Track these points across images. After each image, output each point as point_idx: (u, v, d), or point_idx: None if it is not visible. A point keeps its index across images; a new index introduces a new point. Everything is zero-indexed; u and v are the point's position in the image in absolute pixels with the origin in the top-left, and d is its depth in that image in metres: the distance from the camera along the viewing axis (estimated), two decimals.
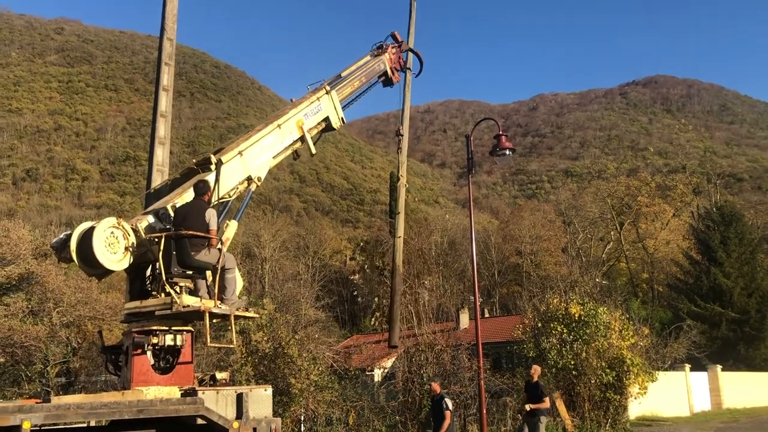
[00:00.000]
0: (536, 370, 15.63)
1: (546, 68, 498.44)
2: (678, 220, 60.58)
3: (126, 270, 8.52)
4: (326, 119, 11.98)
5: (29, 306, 25.60)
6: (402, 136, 13.94)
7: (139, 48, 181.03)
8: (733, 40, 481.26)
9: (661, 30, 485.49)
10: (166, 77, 10.95)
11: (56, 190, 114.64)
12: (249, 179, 10.15)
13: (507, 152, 15.67)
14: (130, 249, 8.32)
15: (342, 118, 12.27)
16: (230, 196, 9.87)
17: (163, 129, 10.80)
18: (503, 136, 15.43)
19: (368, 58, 13.56)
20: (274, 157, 10.83)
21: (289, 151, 11.36)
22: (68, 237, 8.30)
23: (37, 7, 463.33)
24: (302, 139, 11.36)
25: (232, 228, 9.37)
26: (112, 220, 8.27)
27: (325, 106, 11.90)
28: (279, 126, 10.84)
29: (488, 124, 19.37)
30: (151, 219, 8.67)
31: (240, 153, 9.94)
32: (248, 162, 10.09)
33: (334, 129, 12.24)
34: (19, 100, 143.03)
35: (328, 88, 11.97)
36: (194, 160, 9.93)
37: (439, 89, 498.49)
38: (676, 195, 61.80)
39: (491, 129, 17.98)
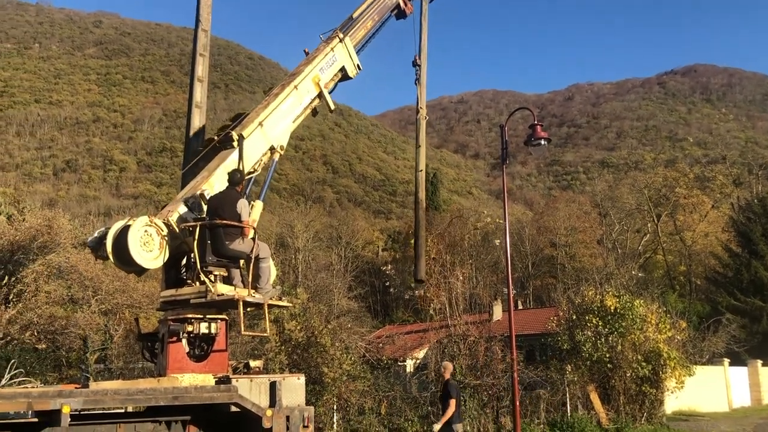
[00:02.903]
0: (447, 368, 12.61)
1: (582, 58, 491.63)
2: (717, 212, 59.27)
3: None
4: (342, 69, 11.56)
5: (69, 294, 26.22)
6: (419, 66, 13.53)
7: (175, 40, 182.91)
8: None
9: (702, 18, 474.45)
10: (201, 68, 10.98)
11: (95, 180, 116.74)
12: (272, 149, 9.99)
13: (542, 142, 15.38)
14: (166, 242, 8.35)
15: (358, 65, 11.79)
16: (255, 170, 9.74)
17: (198, 120, 10.82)
18: (538, 126, 15.14)
19: None
20: (293, 121, 10.58)
21: (308, 111, 11.02)
22: (103, 236, 8.32)
23: (77, 1, 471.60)
24: (320, 95, 10.99)
25: (257, 208, 9.26)
26: (144, 219, 8.27)
27: (340, 56, 11.45)
28: (296, 87, 10.51)
29: (523, 114, 19.09)
30: (182, 209, 8.70)
31: (260, 124, 9.74)
32: (269, 132, 9.90)
33: (351, 78, 11.76)
34: (59, 93, 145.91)
35: (341, 35, 11.52)
36: (216, 138, 9.77)
37: (473, 79, 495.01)
38: (715, 186, 60.46)
39: (526, 119, 17.69)
